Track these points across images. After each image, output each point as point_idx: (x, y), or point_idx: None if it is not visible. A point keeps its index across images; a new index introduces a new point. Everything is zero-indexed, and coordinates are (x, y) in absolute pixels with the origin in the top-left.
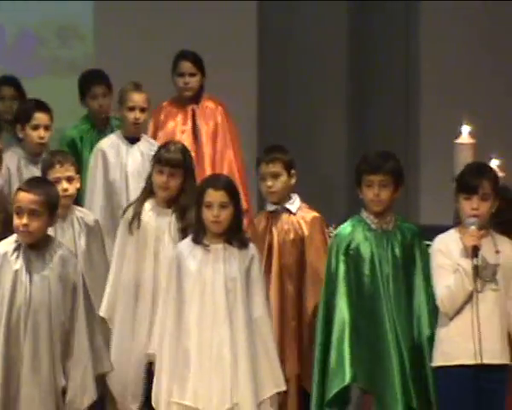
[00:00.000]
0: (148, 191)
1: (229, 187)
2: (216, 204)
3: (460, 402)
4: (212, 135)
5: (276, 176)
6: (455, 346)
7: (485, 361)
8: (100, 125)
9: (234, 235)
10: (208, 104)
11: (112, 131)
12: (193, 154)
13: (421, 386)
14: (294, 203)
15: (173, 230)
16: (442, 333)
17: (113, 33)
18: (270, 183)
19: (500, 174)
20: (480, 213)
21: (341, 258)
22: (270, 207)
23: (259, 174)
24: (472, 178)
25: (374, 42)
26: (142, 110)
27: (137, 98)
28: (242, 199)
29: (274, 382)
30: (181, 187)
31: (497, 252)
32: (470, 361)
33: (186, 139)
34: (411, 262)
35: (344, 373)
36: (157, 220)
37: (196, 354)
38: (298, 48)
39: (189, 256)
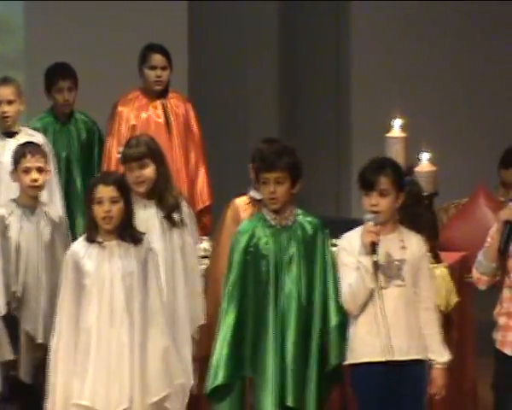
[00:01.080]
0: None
1: (119, 182)
2: (106, 200)
3: (370, 400)
4: (182, 129)
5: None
6: (362, 343)
7: (395, 358)
8: (64, 119)
9: (126, 231)
10: (175, 98)
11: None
12: (166, 147)
13: (303, 384)
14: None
15: (160, 219)
16: (351, 331)
17: (43, 28)
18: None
19: (431, 168)
20: (380, 209)
21: (238, 257)
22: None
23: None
24: (370, 175)
25: (305, 35)
26: (9, 103)
27: (3, 92)
28: (208, 194)
29: (181, 372)
30: (156, 176)
31: (404, 247)
32: (378, 358)
33: (160, 132)
34: (312, 256)
35: (218, 374)
36: (145, 213)
37: (95, 352)
38: (229, 41)
39: (85, 256)
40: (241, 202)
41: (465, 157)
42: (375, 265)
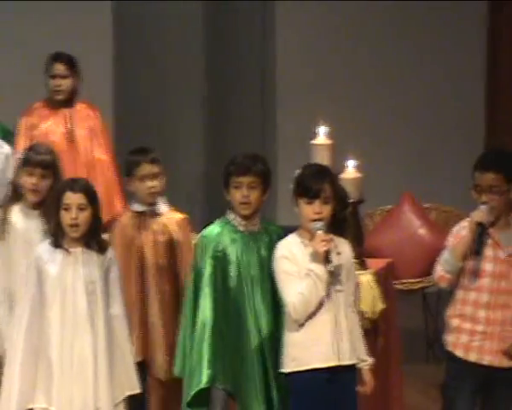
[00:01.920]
0: (15, 195)
1: (87, 190)
2: (74, 206)
3: (313, 407)
4: (86, 138)
5: (156, 176)
6: (307, 350)
7: (342, 362)
8: None
9: (92, 238)
10: (83, 107)
11: None
12: (68, 157)
13: (283, 389)
14: (162, 205)
15: (39, 230)
16: (292, 338)
17: None
18: (152, 183)
19: (357, 175)
20: (323, 216)
21: (208, 260)
22: (139, 208)
23: (138, 175)
24: (314, 182)
25: (230, 42)
26: None
27: None
28: (119, 203)
29: (129, 383)
30: (50, 189)
31: (339, 253)
32: (326, 364)
33: (60, 142)
34: None
35: (201, 375)
36: (26, 223)
37: (58, 359)
38: (154, 48)
39: (49, 260)
40: (124, 218)
41: (390, 164)
42: (332, 273)
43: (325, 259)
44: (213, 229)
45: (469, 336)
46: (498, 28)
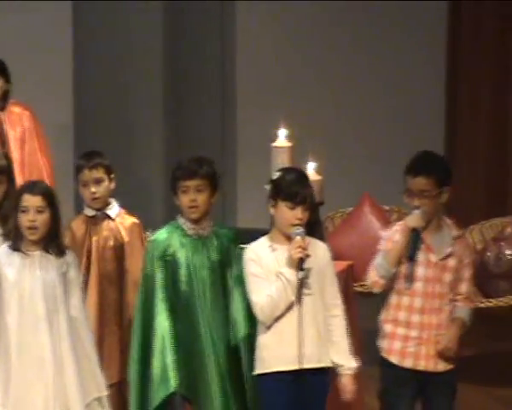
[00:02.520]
0: None
1: (46, 192)
2: (32, 209)
3: (281, 409)
4: (19, 141)
5: (99, 182)
6: (272, 353)
7: (306, 366)
8: None
9: (51, 241)
10: (14, 110)
11: None
12: None
13: (239, 393)
14: (113, 209)
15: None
16: (261, 340)
17: None
18: (94, 189)
19: (317, 177)
20: (304, 222)
21: (158, 264)
22: (89, 213)
23: (81, 181)
24: (300, 188)
25: (189, 44)
26: None
27: None
28: None
29: (96, 386)
30: (5, 194)
31: (308, 256)
32: (288, 367)
33: None
34: (228, 267)
35: (168, 381)
36: None
37: (18, 362)
38: (113, 50)
39: (6, 264)
40: (75, 222)
41: (351, 167)
42: (301, 281)
43: (298, 266)
44: (162, 233)
45: (403, 342)
46: (458, 29)
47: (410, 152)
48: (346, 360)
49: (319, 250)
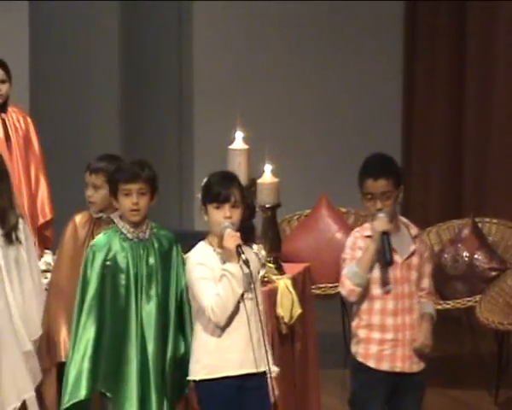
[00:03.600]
0: None
1: None
2: None
3: None
4: (22, 144)
5: (96, 187)
6: (220, 358)
7: (259, 370)
8: None
9: None
10: (15, 113)
11: None
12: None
13: (162, 398)
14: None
15: None
16: (206, 346)
17: None
18: (89, 193)
19: (274, 180)
20: (233, 221)
21: (96, 271)
22: (95, 214)
23: (84, 181)
24: (223, 187)
25: (146, 44)
26: None
27: None
28: (49, 208)
29: (17, 393)
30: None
31: (246, 262)
32: (237, 372)
33: (0, 147)
34: (169, 270)
35: (80, 389)
36: None
37: None
38: (70, 51)
39: None
40: (79, 218)
41: (308, 169)
42: (247, 263)
43: (237, 253)
44: (103, 238)
45: (379, 345)
46: (414, 30)
47: (367, 154)
48: (272, 365)
49: (252, 256)
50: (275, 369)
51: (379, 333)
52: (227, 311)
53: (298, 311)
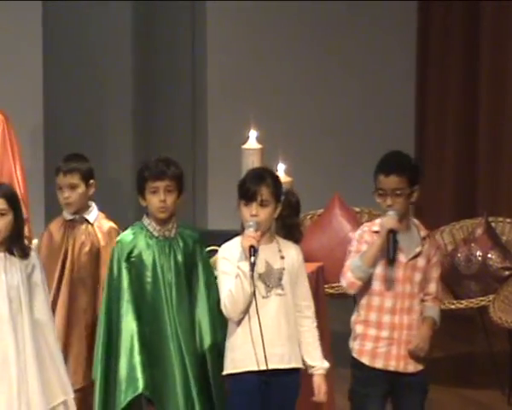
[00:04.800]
0: None
1: (8, 195)
2: None
3: (249, 409)
4: None
5: (73, 187)
6: (242, 352)
7: (273, 366)
8: None
9: (15, 243)
10: None
11: None
12: None
13: (205, 398)
14: (92, 213)
15: None
16: (231, 340)
17: None
18: (67, 194)
19: (287, 179)
20: (260, 219)
21: (124, 265)
22: (68, 216)
23: (57, 184)
24: (251, 185)
25: (159, 44)
26: None
27: None
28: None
29: (62, 388)
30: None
31: (282, 257)
32: (255, 367)
33: None
34: (193, 269)
35: (136, 382)
36: None
37: None
38: (84, 49)
39: None
40: (53, 225)
41: (320, 169)
42: (252, 266)
43: (249, 253)
44: (128, 235)
45: (374, 342)
46: (427, 30)
47: (380, 153)
48: (318, 361)
49: (291, 251)
50: (322, 366)
51: (375, 330)
52: (238, 308)
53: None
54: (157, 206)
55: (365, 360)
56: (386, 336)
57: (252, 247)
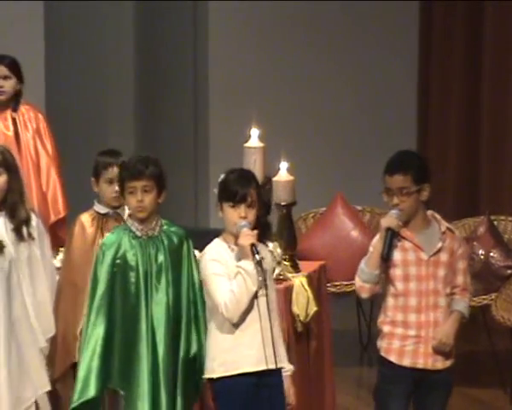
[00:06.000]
0: None
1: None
2: None
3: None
4: (33, 142)
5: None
6: (238, 355)
7: (269, 367)
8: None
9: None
10: (27, 110)
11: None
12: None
13: (173, 398)
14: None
15: (8, 230)
16: (221, 343)
17: None
18: (118, 187)
19: (290, 178)
20: (249, 220)
21: (106, 269)
22: (101, 210)
23: (106, 177)
24: (239, 187)
25: (161, 44)
26: None
27: None
28: (62, 204)
29: (39, 383)
30: (8, 187)
31: (262, 258)
32: (254, 368)
33: (9, 144)
34: (179, 266)
35: (89, 386)
36: None
37: None
38: (85, 50)
39: None
40: (86, 217)
41: (322, 167)
42: (260, 263)
43: (252, 251)
44: (112, 236)
45: (402, 341)
46: (429, 31)
47: (383, 153)
48: (285, 362)
49: (267, 254)
50: (290, 367)
51: (402, 329)
52: (240, 308)
53: (313, 309)
54: (134, 206)
55: (393, 358)
56: (414, 334)
57: (253, 245)
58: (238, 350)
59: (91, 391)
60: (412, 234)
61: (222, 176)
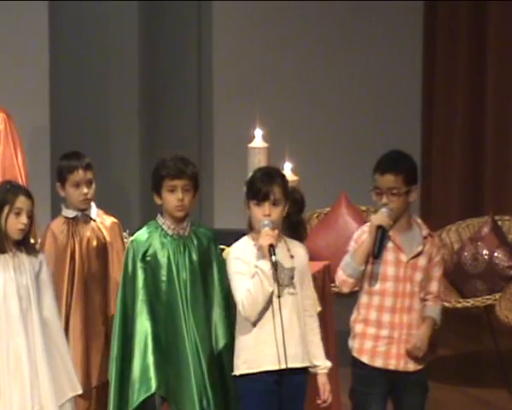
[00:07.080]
0: None
1: (30, 194)
2: (25, 211)
3: (263, 409)
4: None
5: (91, 183)
6: (259, 353)
7: (290, 365)
8: None
9: (23, 241)
10: None
11: None
12: None
13: (219, 395)
14: (92, 209)
15: None
16: (245, 341)
17: None
18: (86, 190)
19: (294, 178)
20: (273, 218)
21: (139, 265)
22: (70, 214)
23: (72, 181)
24: (263, 185)
25: (166, 44)
26: None
27: None
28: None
29: (70, 385)
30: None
31: (292, 256)
32: (274, 367)
33: None
34: (208, 268)
35: (149, 381)
36: None
37: None
38: (90, 49)
39: None
40: (55, 225)
41: (326, 167)
42: (275, 265)
43: (269, 252)
44: (143, 233)
45: (374, 341)
46: (434, 30)
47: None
48: (322, 360)
49: (299, 250)
50: (326, 365)
51: (374, 329)
52: (257, 307)
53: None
54: (174, 204)
55: (365, 359)
56: (386, 335)
57: (271, 245)
58: (259, 348)
59: (152, 385)
60: (395, 234)
61: (250, 174)
